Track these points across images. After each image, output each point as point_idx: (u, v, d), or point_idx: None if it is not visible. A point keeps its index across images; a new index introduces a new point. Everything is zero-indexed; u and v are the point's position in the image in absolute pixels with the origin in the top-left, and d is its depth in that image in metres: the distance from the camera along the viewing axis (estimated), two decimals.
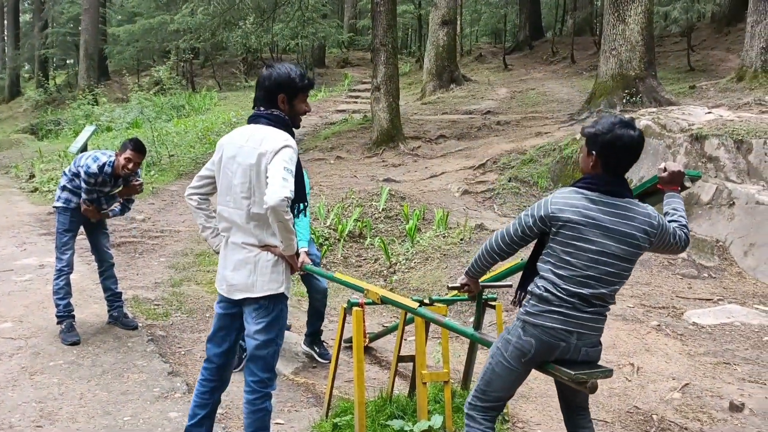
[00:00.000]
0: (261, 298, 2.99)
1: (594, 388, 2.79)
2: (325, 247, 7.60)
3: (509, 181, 9.35)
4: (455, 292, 3.44)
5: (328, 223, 8.16)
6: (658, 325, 5.36)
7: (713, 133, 7.84)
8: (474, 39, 29.43)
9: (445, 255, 6.97)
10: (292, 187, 2.82)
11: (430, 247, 7.15)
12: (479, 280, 3.21)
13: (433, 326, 4.36)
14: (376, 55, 12.55)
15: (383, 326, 5.53)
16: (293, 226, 2.90)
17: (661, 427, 3.90)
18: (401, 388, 4.29)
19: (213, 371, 3.17)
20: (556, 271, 2.75)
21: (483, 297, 4.18)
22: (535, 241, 2.94)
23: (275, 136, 2.94)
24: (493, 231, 7.33)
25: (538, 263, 2.86)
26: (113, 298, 5.18)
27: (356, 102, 18.89)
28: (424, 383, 3.76)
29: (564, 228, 2.72)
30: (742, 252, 6.90)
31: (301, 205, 3.19)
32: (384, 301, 3.76)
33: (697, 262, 6.90)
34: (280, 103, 3.04)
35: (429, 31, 19.68)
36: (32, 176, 12.67)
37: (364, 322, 3.74)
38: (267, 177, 2.86)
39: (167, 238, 7.93)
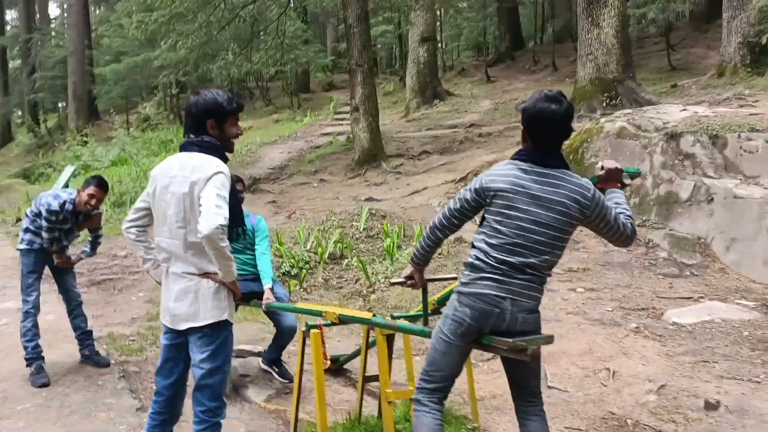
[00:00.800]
0: (204, 327, 2.96)
1: (535, 356, 2.75)
2: (305, 270, 7.54)
3: None
4: (407, 288, 3.40)
5: (308, 247, 8.11)
6: (637, 328, 5.28)
7: (688, 130, 7.81)
8: (456, 54, 29.57)
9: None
10: (227, 214, 2.79)
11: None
12: (423, 269, 3.20)
13: (399, 343, 4.30)
14: (353, 76, 12.57)
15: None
16: (229, 252, 2.86)
17: (635, 431, 3.82)
18: (371, 409, 4.21)
19: (162, 404, 3.12)
20: (488, 240, 2.76)
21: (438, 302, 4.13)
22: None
23: (207, 163, 2.92)
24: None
25: (474, 236, 2.87)
26: (84, 337, 5.13)
27: (341, 124, 18.90)
28: (389, 402, 3.68)
29: (496, 197, 2.74)
30: (723, 247, 6.83)
31: (239, 230, 3.14)
32: (342, 319, 3.72)
33: (679, 261, 6.83)
34: (209, 129, 3.02)
35: (409, 49, 19.77)
36: (18, 220, 12.64)
37: (324, 344, 3.69)
38: (200, 205, 2.83)
39: (147, 274, 7.87)
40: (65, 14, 35.28)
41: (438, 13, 22.73)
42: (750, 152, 7.19)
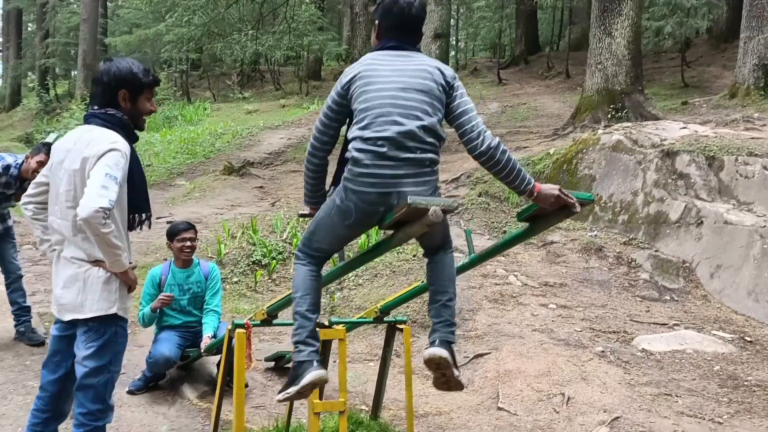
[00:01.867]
0: (91, 320, 2.68)
1: (437, 218, 2.48)
2: (276, 261, 7.31)
3: (479, 196, 9.03)
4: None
5: (284, 237, 7.87)
6: (603, 352, 5.01)
7: (685, 149, 7.51)
8: (472, 53, 29.20)
9: (394, 272, 6.66)
10: (112, 196, 2.52)
11: (382, 263, 6.83)
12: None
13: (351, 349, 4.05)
14: None
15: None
16: (115, 238, 2.57)
17: None
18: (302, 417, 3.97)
19: (46, 400, 2.85)
20: (359, 126, 2.60)
21: (390, 319, 3.91)
22: None
23: (102, 139, 2.65)
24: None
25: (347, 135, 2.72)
26: (20, 313, 4.90)
27: None
28: (316, 413, 3.44)
29: (355, 82, 2.64)
30: (708, 274, 6.55)
31: (143, 215, 2.86)
32: (269, 313, 3.49)
33: (660, 284, 6.55)
34: (121, 101, 2.75)
35: (421, 44, 19.46)
36: None
37: (249, 345, 3.45)
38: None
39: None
40: None
41: (453, 10, 22.39)
42: (746, 177, 6.88)
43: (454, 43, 26.39)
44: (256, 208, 9.72)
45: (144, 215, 2.87)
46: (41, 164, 4.53)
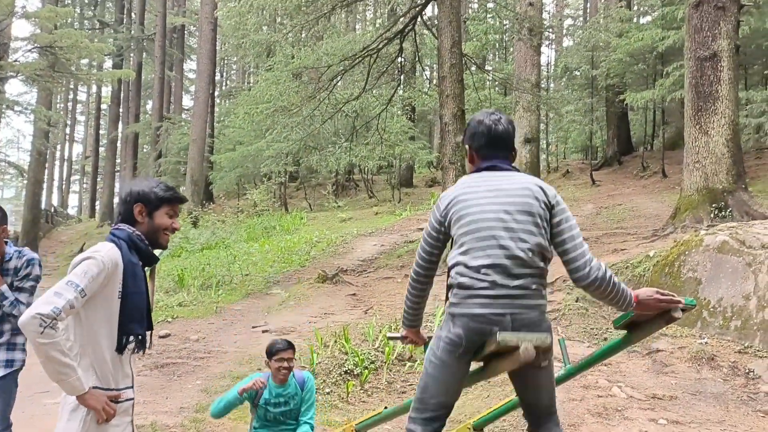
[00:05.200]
0: None
1: (528, 355, 2.37)
2: (369, 370, 7.22)
3: (576, 301, 8.71)
4: (398, 342, 3.20)
5: (376, 345, 7.81)
6: None
7: None
8: (563, 156, 29.15)
9: (489, 382, 6.41)
10: (61, 304, 2.29)
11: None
12: (418, 329, 3.03)
13: None
14: (446, 173, 12.52)
15: None
16: (58, 353, 2.29)
17: None
18: None
19: None
20: (462, 250, 2.53)
21: None
22: None
23: (90, 250, 2.53)
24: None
25: (448, 261, 2.64)
26: None
27: None
28: None
29: (454, 208, 2.59)
30: None
31: (131, 338, 2.56)
32: (358, 429, 3.41)
33: None
34: (137, 216, 2.64)
35: None
36: None
37: None
38: None
39: (212, 359, 7.83)
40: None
41: (542, 114, 22.63)
42: None
43: (544, 146, 26.47)
44: (348, 315, 9.76)
45: (134, 338, 2.59)
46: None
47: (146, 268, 2.70)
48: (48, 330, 2.25)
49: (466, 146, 2.83)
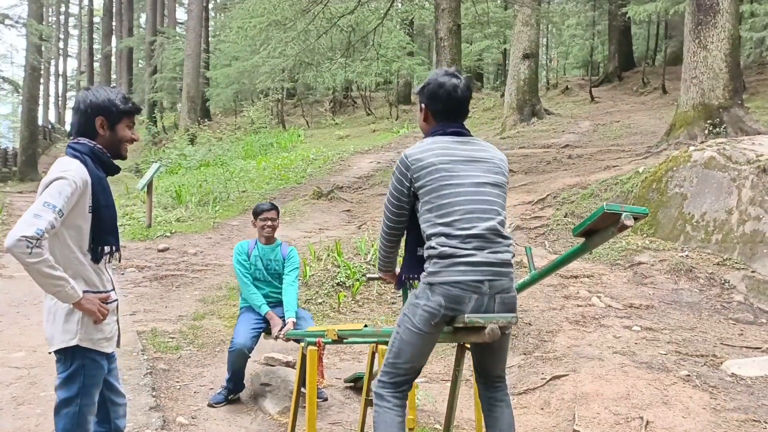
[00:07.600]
0: (57, 352, 2.67)
1: (494, 335, 2.53)
2: (360, 282, 7.48)
3: (565, 217, 8.90)
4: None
5: (368, 259, 8.05)
6: (688, 375, 4.82)
7: None
8: (564, 72, 28.75)
9: None
10: (43, 225, 2.40)
11: None
12: (394, 272, 3.16)
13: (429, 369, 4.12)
14: None
15: None
16: (49, 269, 2.43)
17: None
18: None
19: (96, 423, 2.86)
20: (443, 221, 2.60)
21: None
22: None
23: (57, 167, 2.57)
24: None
25: (421, 227, 2.71)
26: None
27: None
28: None
29: (430, 174, 2.63)
30: None
31: (106, 248, 2.71)
32: (340, 335, 3.60)
33: (756, 306, 6.23)
34: (98, 128, 2.68)
35: (510, 64, 19.42)
36: None
37: (321, 362, 3.59)
38: None
39: (209, 272, 8.08)
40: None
41: (542, 29, 22.18)
42: None
43: (544, 62, 26.06)
44: (342, 231, 9.98)
45: (110, 248, 2.74)
46: None
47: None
48: (35, 249, 2.38)
49: (422, 104, 2.82)
